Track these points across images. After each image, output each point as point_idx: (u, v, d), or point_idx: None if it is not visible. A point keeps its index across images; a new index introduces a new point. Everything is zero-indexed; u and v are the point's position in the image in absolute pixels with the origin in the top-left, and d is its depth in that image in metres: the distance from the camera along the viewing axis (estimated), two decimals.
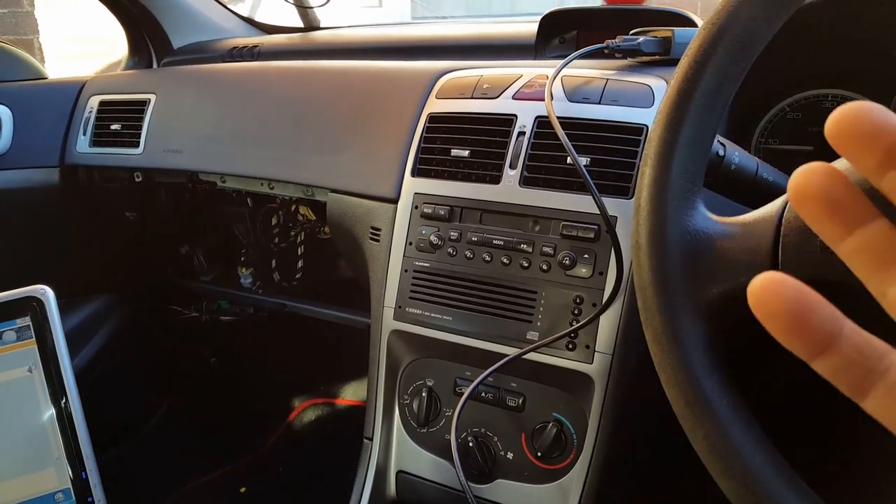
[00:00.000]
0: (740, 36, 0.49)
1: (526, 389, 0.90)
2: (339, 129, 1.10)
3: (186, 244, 1.73)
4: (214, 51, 1.58)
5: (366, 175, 1.03)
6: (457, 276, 0.91)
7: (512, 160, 0.89)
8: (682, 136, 0.50)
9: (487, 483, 0.92)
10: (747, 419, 0.47)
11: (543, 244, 0.86)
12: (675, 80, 0.51)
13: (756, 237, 0.47)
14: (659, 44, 0.90)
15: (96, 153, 1.41)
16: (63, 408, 1.01)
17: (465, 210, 0.92)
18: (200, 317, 1.77)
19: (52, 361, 1.01)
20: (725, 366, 0.48)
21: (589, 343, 0.83)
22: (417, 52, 1.31)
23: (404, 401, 0.99)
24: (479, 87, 0.96)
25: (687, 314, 0.48)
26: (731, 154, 0.63)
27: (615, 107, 0.86)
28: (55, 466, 1.00)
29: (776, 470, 0.45)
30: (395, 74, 1.10)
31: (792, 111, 0.95)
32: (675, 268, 0.49)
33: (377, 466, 1.00)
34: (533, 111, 0.90)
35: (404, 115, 1.01)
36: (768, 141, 0.96)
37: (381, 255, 0.98)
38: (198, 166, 1.27)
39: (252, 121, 1.22)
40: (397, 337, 0.97)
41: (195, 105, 1.32)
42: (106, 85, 1.47)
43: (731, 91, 0.51)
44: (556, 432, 0.87)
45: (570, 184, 0.85)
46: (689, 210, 0.50)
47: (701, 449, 0.47)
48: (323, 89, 1.17)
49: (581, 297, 0.83)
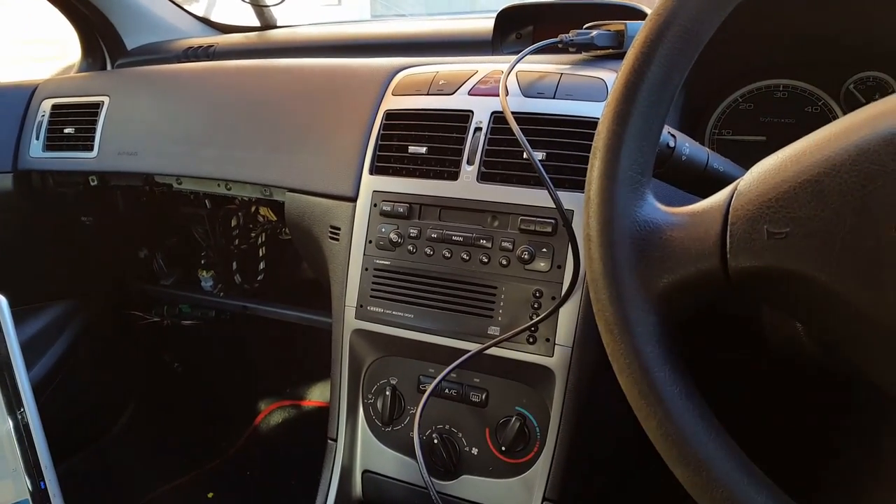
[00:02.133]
0: (685, 27, 0.50)
1: (489, 384, 0.91)
2: (296, 127, 1.09)
3: (145, 248, 1.70)
4: (169, 51, 1.56)
5: (324, 173, 1.02)
6: (417, 274, 0.91)
7: (469, 156, 0.89)
8: (630, 127, 0.50)
9: (453, 479, 0.93)
10: (700, 407, 0.47)
11: (502, 239, 0.86)
12: (622, 72, 0.51)
13: (704, 226, 0.48)
14: (612, 37, 0.91)
15: (50, 157, 1.38)
16: (20, 419, 0.98)
17: (423, 207, 0.92)
18: (162, 321, 1.75)
19: (7, 372, 0.98)
20: (677, 355, 0.49)
21: (549, 336, 0.83)
22: (375, 49, 1.30)
23: (368, 400, 0.98)
24: (436, 83, 0.96)
25: (637, 304, 0.48)
26: (682, 145, 0.64)
27: (570, 101, 0.87)
28: (12, 478, 0.97)
29: (729, 456, 0.46)
30: (352, 72, 1.09)
31: (744, 102, 0.96)
32: (624, 259, 0.49)
33: (342, 467, 0.99)
34: (489, 107, 0.90)
35: (361, 112, 1.00)
36: (721, 132, 0.97)
37: (341, 254, 0.97)
38: (153, 168, 1.25)
39: (208, 121, 1.20)
40: (359, 336, 0.96)
41: (150, 106, 1.30)
42: (58, 88, 1.44)
43: (678, 82, 0.51)
44: (520, 426, 0.87)
45: (528, 178, 0.86)
46: (639, 201, 0.50)
47: (655, 437, 0.47)
48: (279, 88, 1.16)
49: (540, 290, 0.84)
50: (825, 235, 0.42)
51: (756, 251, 0.45)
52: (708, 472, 0.45)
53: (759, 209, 0.45)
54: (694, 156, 0.65)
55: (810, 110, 0.93)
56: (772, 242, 0.44)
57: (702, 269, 0.47)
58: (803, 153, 0.45)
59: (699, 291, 0.48)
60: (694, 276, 0.48)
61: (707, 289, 0.48)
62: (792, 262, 0.43)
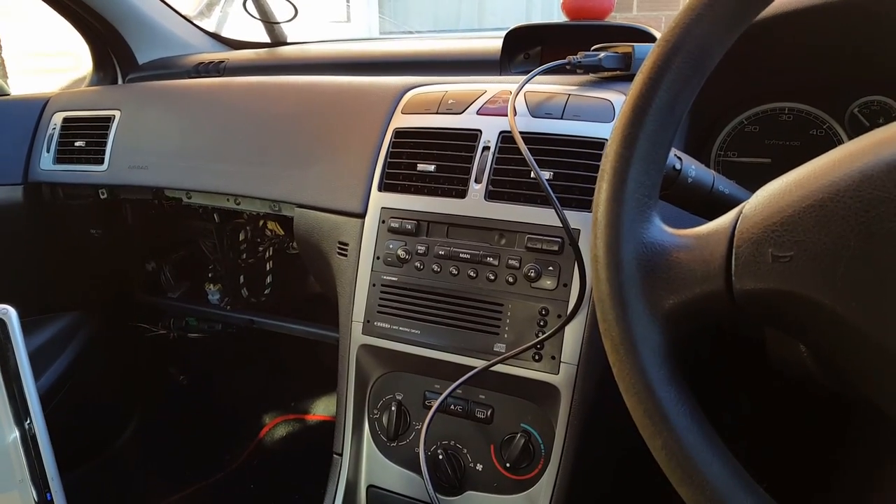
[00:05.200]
0: (694, 52, 0.50)
1: (494, 401, 0.91)
2: (306, 144, 1.10)
3: (153, 261, 1.71)
4: (180, 66, 1.58)
5: (332, 190, 1.03)
6: (424, 290, 0.92)
7: (477, 174, 0.90)
8: (638, 150, 0.51)
9: (457, 495, 0.93)
10: (705, 427, 0.48)
11: (509, 257, 0.87)
12: (630, 96, 0.52)
13: (710, 249, 0.49)
14: (620, 59, 0.92)
15: (60, 170, 1.39)
16: (27, 429, 0.99)
17: (431, 224, 0.93)
18: (168, 334, 1.76)
19: (16, 382, 0.99)
20: (683, 375, 0.49)
21: (555, 354, 0.84)
22: (384, 67, 1.32)
23: (374, 415, 0.99)
24: (445, 102, 0.97)
25: (643, 324, 0.49)
26: (688, 167, 0.65)
27: (577, 122, 0.88)
28: (19, 489, 0.98)
29: (733, 476, 0.46)
30: (362, 90, 1.11)
31: (750, 124, 0.97)
32: (631, 279, 0.50)
33: (347, 482, 1.00)
34: (497, 126, 0.91)
35: (370, 130, 1.02)
36: (727, 154, 0.98)
37: (349, 270, 0.98)
38: (163, 182, 1.27)
39: (218, 136, 1.22)
40: (366, 351, 0.97)
41: (160, 121, 1.32)
42: (70, 101, 1.46)
43: (686, 106, 0.52)
44: (525, 443, 0.88)
45: (535, 197, 0.87)
46: (645, 223, 0.51)
47: (660, 457, 0.48)
48: (289, 104, 1.17)
49: (546, 308, 0.84)
50: (829, 259, 0.43)
51: (761, 274, 0.45)
52: (712, 492, 0.46)
53: (763, 232, 0.45)
54: (700, 178, 0.66)
55: (815, 133, 0.94)
56: (776, 266, 0.45)
57: (707, 291, 0.48)
58: (808, 178, 0.45)
59: (704, 313, 0.49)
60: (699, 298, 0.48)
61: (712, 310, 0.49)
62: (796, 286, 0.44)
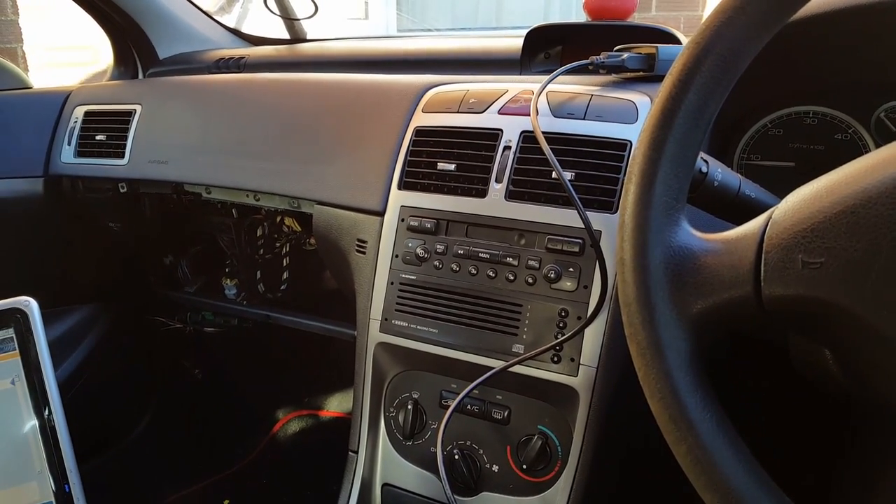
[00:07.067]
0: (724, 55, 0.50)
1: (511, 402, 0.91)
2: (326, 141, 1.10)
3: (170, 255, 1.72)
4: (200, 62, 1.58)
5: (352, 187, 1.03)
6: (443, 289, 0.92)
7: (498, 174, 0.90)
8: (666, 153, 0.51)
9: (473, 496, 0.92)
10: (730, 434, 0.48)
11: (529, 258, 0.87)
12: (659, 98, 0.52)
13: (738, 254, 0.48)
14: (643, 60, 0.91)
15: (81, 164, 1.40)
16: (46, 420, 0.99)
17: (451, 223, 0.92)
18: (184, 328, 1.77)
19: (36, 373, 1.00)
20: (708, 380, 0.49)
21: (574, 356, 0.83)
22: (404, 65, 1.31)
23: (390, 413, 0.99)
24: (466, 101, 0.97)
25: (670, 329, 0.49)
26: (714, 171, 0.64)
27: (599, 122, 0.87)
28: (37, 480, 0.98)
29: (758, 484, 0.46)
30: (382, 88, 1.11)
31: (774, 127, 0.96)
32: (658, 284, 0.50)
33: (362, 479, 1.00)
34: (518, 126, 0.91)
35: (391, 128, 1.02)
36: (750, 157, 0.97)
37: (367, 268, 0.98)
38: (183, 177, 1.27)
39: (238, 132, 1.22)
40: (383, 349, 0.97)
41: (181, 116, 1.32)
42: (91, 95, 1.46)
43: (715, 109, 0.52)
44: (542, 445, 0.87)
45: (556, 198, 0.86)
46: (673, 227, 0.51)
47: (685, 463, 0.48)
48: (310, 102, 1.18)
49: (566, 310, 0.84)
50: (860, 266, 0.42)
51: (790, 280, 0.45)
52: (737, 500, 0.45)
53: (794, 238, 0.45)
54: (726, 181, 0.65)
55: (840, 137, 0.93)
56: (806, 272, 0.44)
57: (735, 296, 0.48)
58: (839, 184, 0.45)
59: (732, 318, 0.49)
60: (727, 303, 0.48)
61: (740, 315, 0.48)
62: (826, 292, 0.43)
